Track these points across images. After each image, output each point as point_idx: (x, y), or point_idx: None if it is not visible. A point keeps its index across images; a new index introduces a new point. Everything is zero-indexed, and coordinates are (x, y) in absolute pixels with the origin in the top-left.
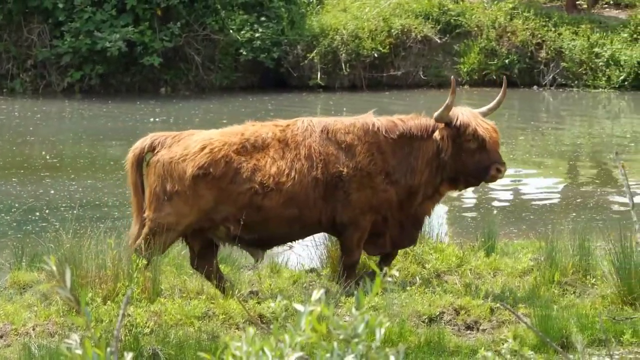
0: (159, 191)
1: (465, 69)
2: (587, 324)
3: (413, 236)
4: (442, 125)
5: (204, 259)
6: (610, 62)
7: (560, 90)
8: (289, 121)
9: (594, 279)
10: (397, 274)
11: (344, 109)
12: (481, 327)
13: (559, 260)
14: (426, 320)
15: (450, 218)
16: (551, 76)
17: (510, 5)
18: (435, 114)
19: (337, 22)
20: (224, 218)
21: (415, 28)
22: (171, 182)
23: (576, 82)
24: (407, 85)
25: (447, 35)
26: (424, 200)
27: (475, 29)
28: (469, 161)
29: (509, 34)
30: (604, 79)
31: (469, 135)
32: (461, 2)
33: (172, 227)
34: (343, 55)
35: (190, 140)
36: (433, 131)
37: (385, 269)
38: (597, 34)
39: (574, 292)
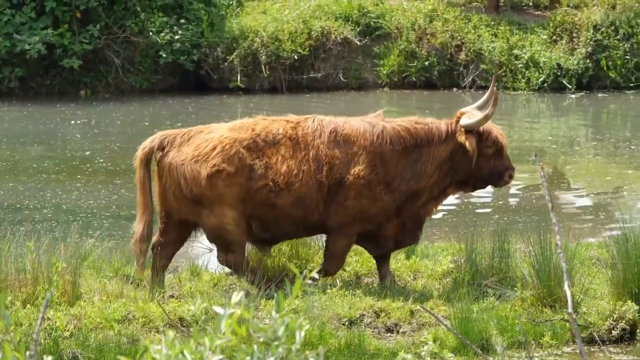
0: (180, 196)
1: (385, 71)
2: (507, 326)
3: (415, 235)
4: (462, 130)
5: (165, 249)
6: (530, 63)
7: (480, 92)
8: (300, 118)
9: (513, 281)
10: (317, 276)
11: (264, 111)
12: (401, 330)
13: (479, 263)
14: (346, 323)
15: None
16: (471, 78)
17: (430, 7)
18: (470, 121)
19: (257, 24)
20: (249, 216)
21: (335, 30)
22: (187, 186)
23: (496, 84)
24: (327, 87)
25: (367, 38)
26: (428, 201)
27: (395, 31)
28: (485, 166)
29: (428, 36)
30: (523, 80)
31: (490, 142)
32: (381, 5)
33: (222, 226)
34: (263, 57)
35: (199, 139)
36: (447, 136)
37: (305, 271)
38: (517, 36)
39: (494, 295)
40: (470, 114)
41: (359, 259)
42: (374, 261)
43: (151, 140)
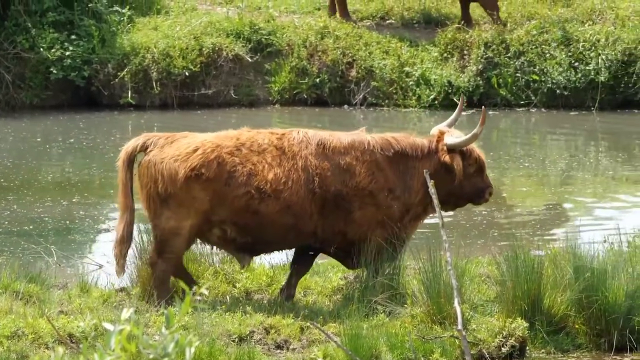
0: (154, 194)
1: (276, 88)
2: (397, 343)
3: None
4: (444, 149)
5: None
6: (421, 81)
7: (371, 109)
8: (285, 130)
9: (403, 298)
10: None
11: (155, 127)
12: (291, 346)
13: (369, 279)
14: (236, 340)
15: None
16: (362, 95)
17: (322, 24)
18: (458, 140)
19: (148, 41)
20: (221, 220)
21: (227, 47)
22: (163, 184)
23: (387, 101)
24: (218, 104)
25: (258, 54)
26: (410, 220)
27: (286, 47)
28: (467, 184)
29: (319, 53)
30: (414, 98)
31: (472, 160)
32: (272, 21)
33: (176, 231)
34: (154, 73)
35: (182, 141)
36: (429, 152)
37: (195, 287)
38: (408, 53)
39: (384, 311)
40: (452, 133)
41: (249, 276)
42: (264, 278)
43: (134, 141)
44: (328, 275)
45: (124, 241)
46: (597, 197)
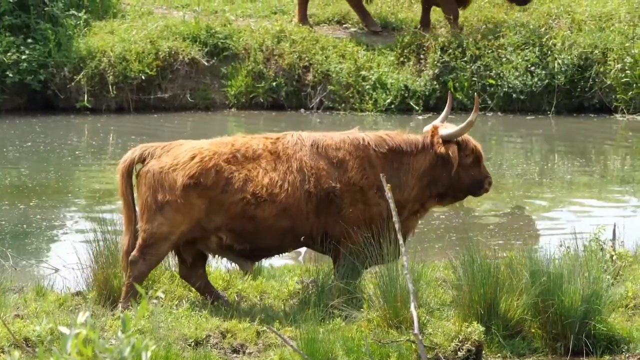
0: (151, 202)
1: (232, 92)
2: (353, 347)
3: (397, 250)
4: (439, 142)
5: (194, 269)
6: (377, 85)
7: (328, 113)
8: (279, 134)
9: (360, 302)
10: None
11: (111, 131)
12: (247, 351)
13: (326, 283)
14: (192, 344)
15: None
16: (318, 99)
17: (278, 28)
18: (452, 130)
19: (105, 44)
20: (217, 227)
21: (183, 50)
22: (162, 192)
23: (343, 105)
24: (174, 107)
25: (215, 58)
26: (409, 216)
27: (243, 51)
28: (465, 176)
29: (276, 57)
30: (370, 102)
31: (469, 150)
32: (229, 25)
33: (166, 236)
34: (110, 77)
35: (179, 150)
36: (423, 147)
37: (151, 291)
38: (364, 57)
39: (340, 315)
40: (446, 126)
41: None
42: (220, 282)
43: (132, 152)
44: (284, 279)
45: (130, 253)
46: (553, 201)
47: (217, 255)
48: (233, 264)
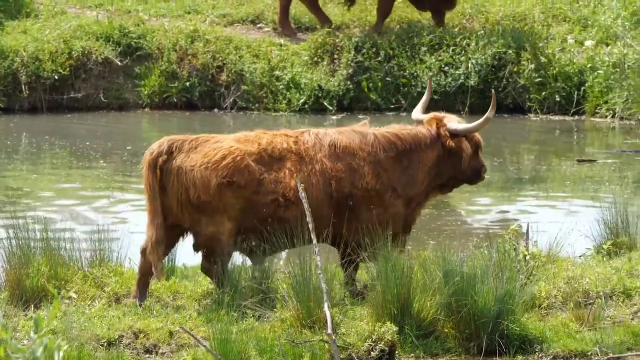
0: (186, 202)
1: (146, 92)
2: (266, 347)
3: (404, 242)
4: (447, 135)
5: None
6: (291, 85)
7: (241, 113)
8: (296, 132)
9: (273, 302)
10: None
11: (24, 131)
12: (160, 351)
13: (239, 283)
14: (105, 344)
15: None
16: (232, 99)
17: (192, 28)
18: (468, 126)
19: (17, 44)
20: (246, 229)
21: (96, 50)
22: (195, 191)
23: (257, 105)
24: (87, 107)
25: (128, 58)
26: (415, 208)
27: (156, 51)
28: (467, 167)
29: (190, 57)
30: (284, 102)
31: (473, 142)
32: (142, 25)
33: (217, 236)
34: (23, 77)
35: (207, 147)
36: (432, 141)
37: (63, 291)
38: (278, 57)
39: (254, 315)
40: (451, 118)
41: (118, 280)
42: (133, 282)
43: (159, 144)
44: (198, 279)
45: (159, 244)
46: (465, 200)
47: (240, 253)
48: (246, 258)
